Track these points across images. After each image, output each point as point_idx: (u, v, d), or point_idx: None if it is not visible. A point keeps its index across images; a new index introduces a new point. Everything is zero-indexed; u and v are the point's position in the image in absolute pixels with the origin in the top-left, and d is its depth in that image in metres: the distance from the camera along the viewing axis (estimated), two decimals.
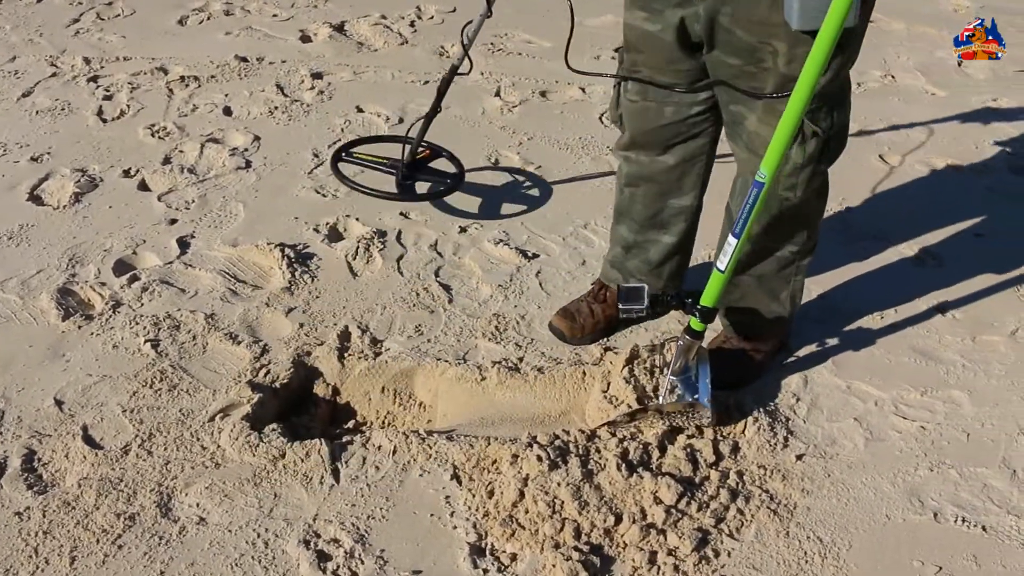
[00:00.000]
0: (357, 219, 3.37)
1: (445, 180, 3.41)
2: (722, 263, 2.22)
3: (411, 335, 2.83)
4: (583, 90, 4.38)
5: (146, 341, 2.77)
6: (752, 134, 2.33)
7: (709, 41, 2.25)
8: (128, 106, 4.19)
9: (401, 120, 4.11)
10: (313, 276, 3.09)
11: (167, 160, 3.76)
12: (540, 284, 3.08)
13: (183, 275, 3.09)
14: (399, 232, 3.30)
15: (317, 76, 4.49)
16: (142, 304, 2.94)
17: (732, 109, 2.36)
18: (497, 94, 4.34)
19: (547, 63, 4.67)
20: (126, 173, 3.66)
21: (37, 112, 4.12)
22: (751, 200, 2.11)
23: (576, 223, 3.40)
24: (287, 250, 3.16)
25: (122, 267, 3.13)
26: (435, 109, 3.27)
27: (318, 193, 3.54)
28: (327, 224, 3.35)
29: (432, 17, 5.26)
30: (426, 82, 4.46)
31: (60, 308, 2.90)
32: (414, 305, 2.97)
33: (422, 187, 3.50)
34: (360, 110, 4.19)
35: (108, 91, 4.33)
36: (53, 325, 2.84)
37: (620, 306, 2.41)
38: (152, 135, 3.94)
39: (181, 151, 3.83)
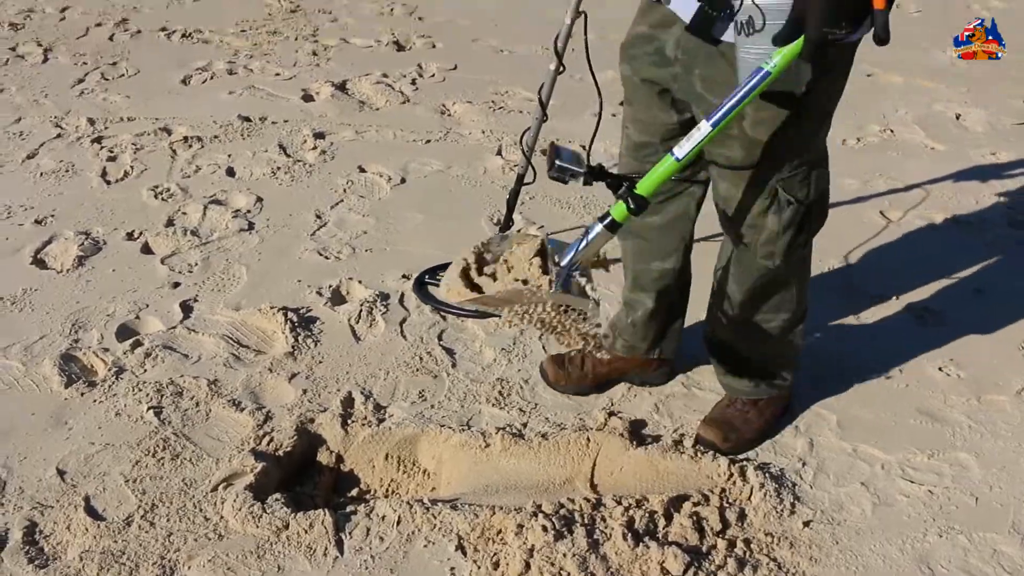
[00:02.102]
0: (360, 282, 3.38)
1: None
2: (681, 150, 2.03)
3: (415, 400, 2.83)
4: (583, 147, 4.39)
5: (149, 408, 2.76)
6: (725, 199, 2.34)
7: (688, 104, 2.28)
8: (132, 167, 4.21)
9: (403, 180, 4.12)
10: (316, 340, 3.08)
11: (170, 222, 3.77)
12: (543, 347, 3.07)
13: (186, 340, 3.08)
14: (401, 295, 3.30)
15: (319, 136, 4.52)
16: (145, 370, 2.94)
17: (710, 171, 2.38)
18: (499, 153, 4.36)
19: (551, 122, 4.68)
20: (129, 236, 3.67)
21: (42, 174, 4.15)
22: (747, 86, 1.94)
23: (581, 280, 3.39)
24: (290, 314, 3.16)
25: (125, 332, 3.13)
26: (507, 223, 3.22)
27: (321, 255, 3.55)
28: (330, 287, 3.35)
29: (433, 75, 5.31)
30: (428, 141, 4.49)
31: (63, 375, 2.89)
32: (417, 370, 2.97)
33: None
34: (362, 170, 4.22)
35: (112, 152, 4.35)
36: (56, 392, 2.83)
37: (557, 162, 2.10)
38: (155, 197, 3.96)
39: (184, 213, 3.84)
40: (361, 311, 3.21)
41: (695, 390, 2.88)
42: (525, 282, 2.11)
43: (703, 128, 2.00)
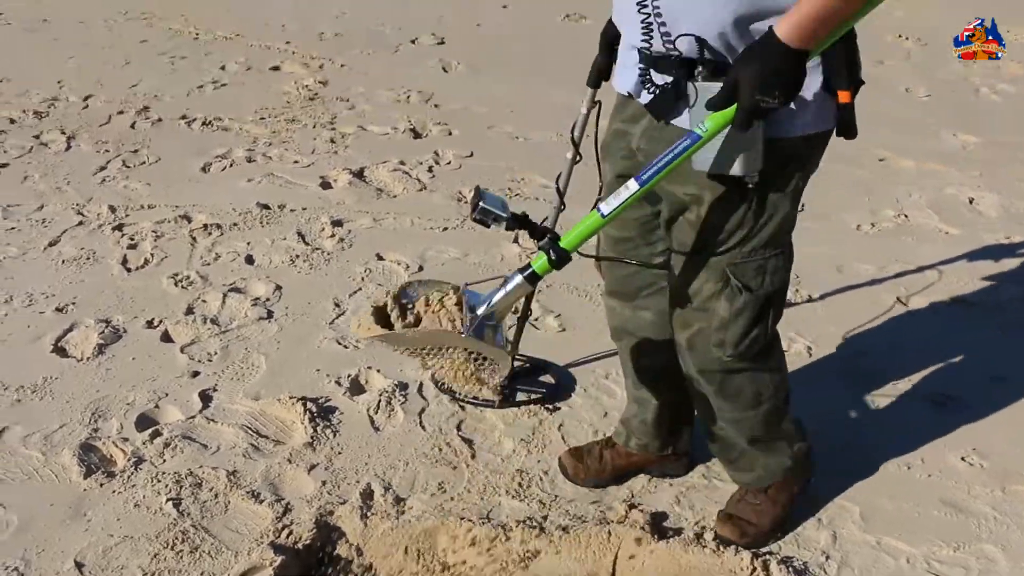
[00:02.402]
0: (378, 371, 3.39)
1: (541, 390, 3.31)
2: (608, 206, 2.04)
3: (434, 492, 2.82)
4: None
5: (168, 500, 2.76)
6: (679, 284, 2.33)
7: (654, 195, 2.28)
8: (152, 255, 4.25)
9: (421, 267, 4.15)
10: (335, 431, 3.09)
11: (190, 310, 3.80)
12: (563, 437, 3.07)
13: (205, 430, 3.09)
14: (420, 385, 3.31)
15: (337, 223, 4.56)
16: (164, 460, 2.94)
17: (670, 258, 2.38)
18: (516, 240, 4.39)
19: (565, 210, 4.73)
20: (149, 324, 3.70)
21: (63, 261, 4.19)
22: (677, 149, 1.96)
23: (597, 373, 3.41)
24: (309, 404, 3.17)
25: (144, 421, 3.14)
26: (524, 316, 3.23)
27: (339, 344, 3.56)
28: (349, 376, 3.36)
29: (449, 162, 5.37)
30: (445, 228, 4.53)
31: (82, 464, 2.90)
32: (436, 461, 2.96)
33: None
34: (380, 258, 4.25)
35: (132, 240, 4.40)
36: (75, 482, 2.83)
37: (481, 204, 2.12)
38: (175, 284, 3.99)
39: (204, 301, 3.87)
40: (380, 401, 3.22)
41: (716, 481, 2.87)
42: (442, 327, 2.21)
43: (631, 186, 2.02)
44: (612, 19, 2.46)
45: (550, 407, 3.22)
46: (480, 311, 2.19)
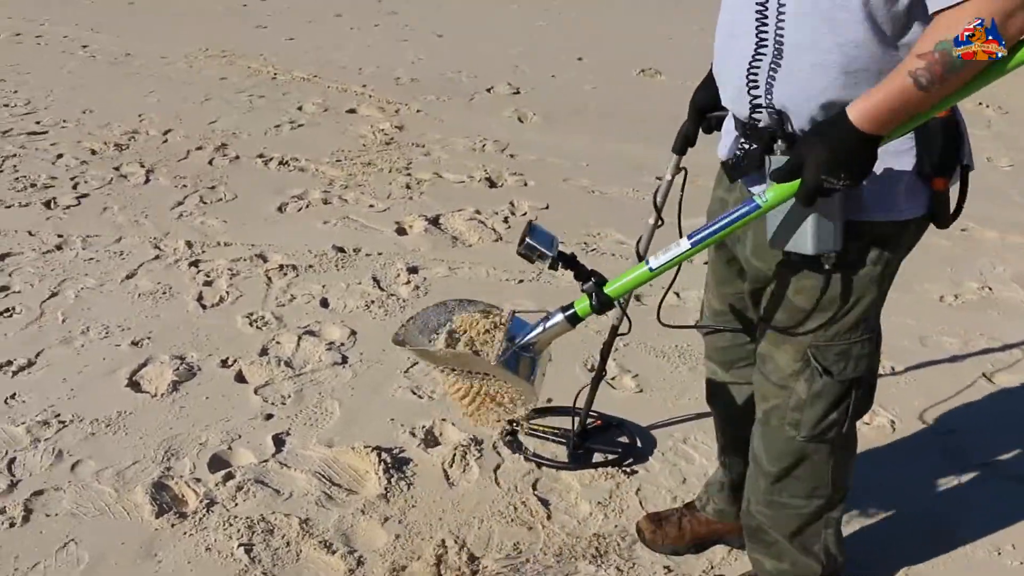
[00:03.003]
0: (453, 424, 3.34)
1: (616, 450, 3.22)
2: (656, 261, 1.98)
3: (509, 553, 2.75)
4: (678, 295, 4.37)
5: (239, 545, 2.72)
6: (763, 356, 2.25)
7: (744, 269, 2.25)
8: (227, 293, 4.25)
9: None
10: (409, 483, 3.03)
11: (264, 351, 3.78)
12: (640, 502, 2.99)
13: (278, 475, 3.05)
14: (495, 441, 3.25)
15: (413, 270, 4.54)
16: (236, 504, 2.90)
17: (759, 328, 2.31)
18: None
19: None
20: (224, 363, 3.68)
21: (140, 295, 4.20)
22: (734, 215, 1.91)
23: (675, 437, 3.33)
24: (383, 454, 3.13)
25: (217, 463, 3.11)
26: (600, 374, 3.18)
27: (414, 394, 3.52)
28: (423, 428, 3.31)
29: (525, 213, 5.34)
30: (520, 281, 4.49)
31: (154, 503, 2.87)
32: (512, 520, 2.89)
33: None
34: None
35: (208, 276, 4.41)
36: (147, 522, 2.81)
37: (528, 240, 2.09)
38: (250, 324, 3.98)
39: (278, 342, 3.85)
40: (455, 455, 3.17)
41: None
42: (476, 352, 2.13)
43: (682, 244, 1.97)
44: (703, 85, 2.41)
45: (627, 470, 3.14)
46: (517, 340, 2.15)
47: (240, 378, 3.62)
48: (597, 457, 3.18)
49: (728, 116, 2.19)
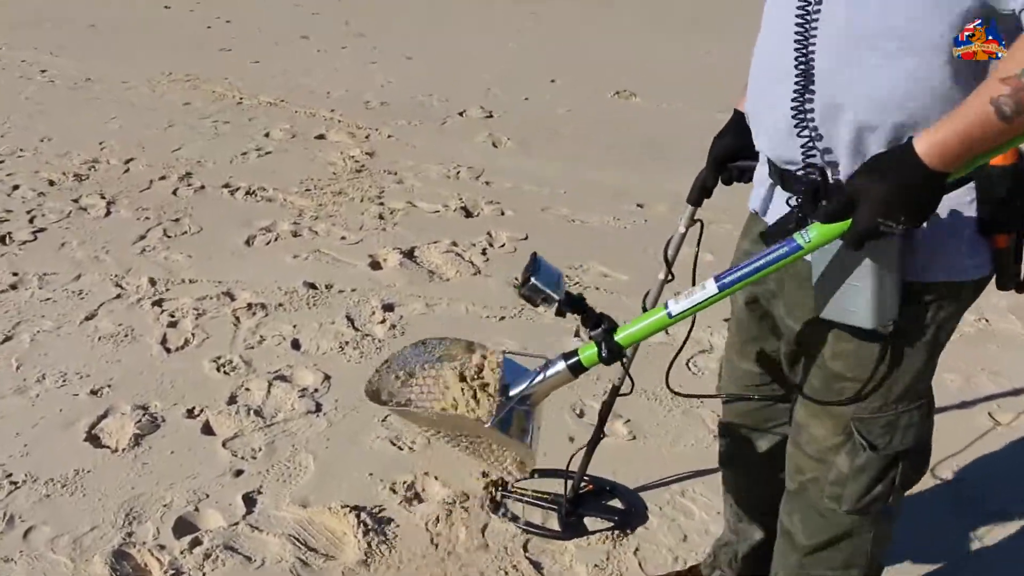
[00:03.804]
0: (436, 478, 3.13)
1: (612, 517, 2.99)
2: (677, 306, 1.75)
3: None
4: (667, 332, 4.18)
5: None
6: (799, 425, 2.04)
7: (777, 326, 2.05)
8: (193, 335, 4.03)
9: None
10: (391, 546, 2.82)
11: (232, 399, 3.56)
12: (640, 564, 2.79)
13: (249, 540, 2.83)
14: (482, 499, 3.04)
15: (388, 308, 4.33)
16: (204, 574, 2.68)
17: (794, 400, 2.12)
18: (576, 334, 4.14)
19: (625, 299, 4.50)
20: (190, 413, 3.46)
21: (100, 338, 3.97)
22: (771, 256, 1.69)
23: (673, 490, 3.13)
24: (362, 515, 2.91)
25: (183, 526, 2.88)
26: (597, 437, 2.94)
27: (394, 445, 3.31)
28: (404, 484, 3.10)
29: (504, 245, 5.15)
30: (501, 318, 4.28)
31: (115, 574, 2.64)
32: None
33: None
34: None
35: (173, 316, 4.18)
36: None
37: (532, 280, 1.82)
38: (217, 369, 3.76)
39: (247, 389, 3.63)
40: (440, 514, 2.95)
41: None
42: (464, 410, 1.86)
43: (708, 287, 1.74)
44: (725, 132, 2.23)
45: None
46: (513, 393, 1.88)
47: (207, 429, 3.39)
48: (592, 523, 2.95)
49: (761, 165, 2.00)
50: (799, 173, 1.80)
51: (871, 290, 1.71)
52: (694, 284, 2.33)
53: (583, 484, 3.01)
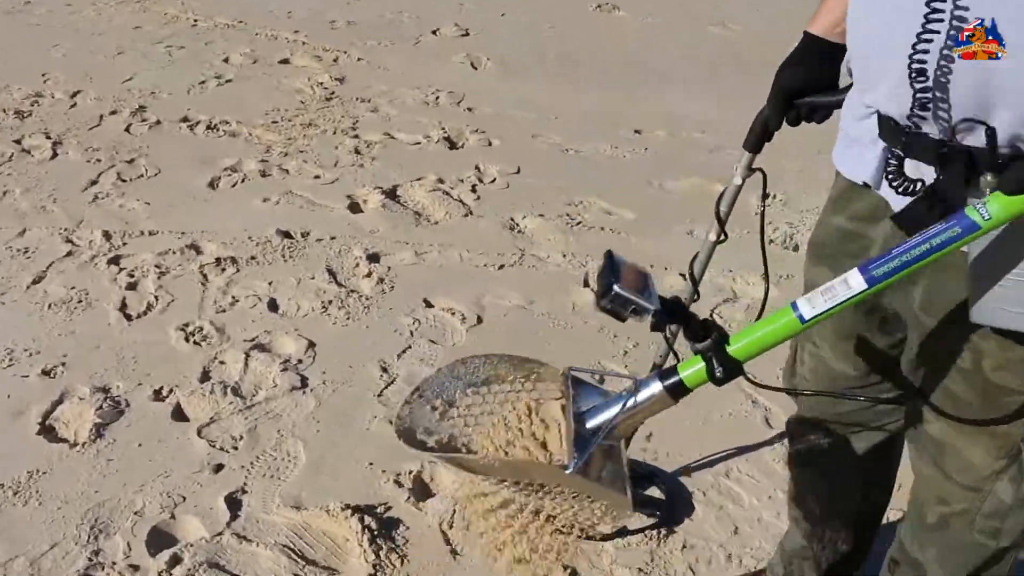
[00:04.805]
0: (446, 466, 2.72)
1: (655, 511, 2.58)
2: (812, 308, 1.36)
3: None
4: (683, 277, 3.77)
5: None
6: (939, 445, 1.64)
7: (899, 321, 1.64)
8: (156, 297, 3.57)
9: (479, 319, 3.48)
10: (402, 554, 2.44)
11: (206, 375, 3.13)
12: (690, 567, 2.42)
13: (236, 553, 2.43)
14: None
15: (373, 258, 3.89)
16: None
17: (912, 410, 1.72)
18: (586, 283, 3.72)
19: (634, 240, 4.09)
20: (157, 395, 3.03)
21: (50, 305, 3.51)
22: (935, 239, 1.29)
23: (716, 471, 2.76)
24: (366, 518, 2.52)
25: (159, 539, 2.48)
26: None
27: (393, 425, 2.89)
28: (410, 474, 2.71)
29: (494, 180, 4.69)
30: (500, 266, 3.85)
31: None
32: None
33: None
34: (429, 304, 3.58)
35: (132, 276, 3.72)
36: None
37: (616, 288, 1.36)
38: (186, 339, 3.32)
39: (222, 362, 3.20)
40: (455, 511, 2.56)
41: None
42: (534, 448, 1.46)
43: (852, 283, 1.33)
44: (795, 60, 1.79)
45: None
46: (591, 424, 1.45)
47: (179, 414, 2.97)
48: (633, 522, 2.57)
49: (860, 116, 1.56)
50: (937, 137, 1.37)
51: None
52: (763, 249, 1.93)
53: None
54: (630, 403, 1.42)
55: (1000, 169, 1.29)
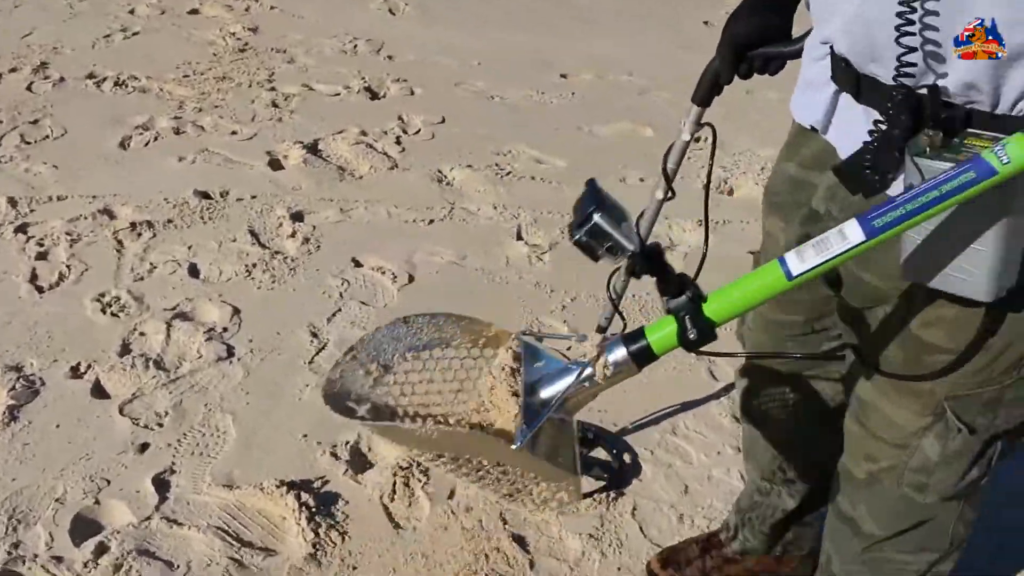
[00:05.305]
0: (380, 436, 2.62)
1: (602, 474, 2.50)
2: (801, 262, 1.23)
3: None
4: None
5: None
6: (863, 403, 1.58)
7: (835, 277, 1.56)
8: (68, 267, 3.39)
9: (411, 278, 3.37)
10: (342, 531, 2.34)
11: (126, 348, 2.97)
12: (641, 528, 2.37)
13: (167, 538, 2.31)
14: None
15: (297, 217, 3.73)
16: None
17: (851, 362, 1.65)
18: (519, 236, 3.62)
19: (566, 189, 3.98)
20: (75, 371, 2.87)
21: None
22: (951, 182, 1.14)
23: (662, 428, 2.70)
24: (303, 494, 2.41)
25: (83, 527, 2.35)
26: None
27: None
28: (347, 444, 2.60)
29: (419, 131, 4.54)
30: (430, 221, 3.73)
31: None
32: (485, 574, 2.23)
33: None
34: (358, 264, 3.45)
35: (42, 245, 3.52)
36: None
37: (596, 218, 1.26)
38: (103, 310, 3.16)
39: (142, 333, 3.05)
40: (395, 482, 2.47)
41: None
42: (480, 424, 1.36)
43: (848, 234, 1.20)
44: (746, 10, 1.69)
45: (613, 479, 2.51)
46: (544, 395, 1.35)
47: (99, 391, 2.82)
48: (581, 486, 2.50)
49: (816, 58, 1.47)
50: (889, 82, 1.29)
51: (995, 255, 1.22)
52: (706, 206, 1.85)
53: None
54: (587, 372, 1.32)
55: (945, 124, 1.20)
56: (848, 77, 1.37)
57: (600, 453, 2.58)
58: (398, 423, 1.41)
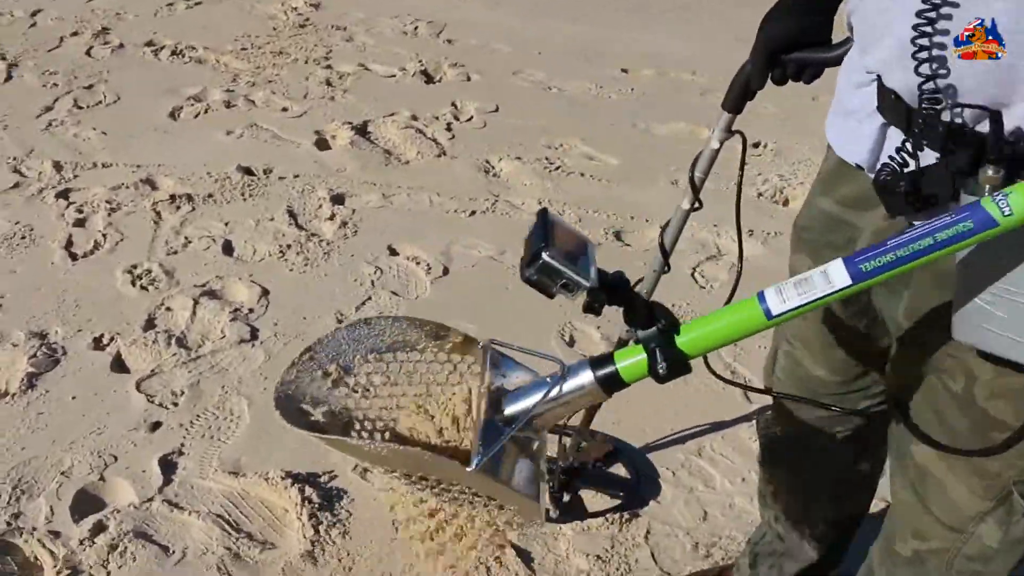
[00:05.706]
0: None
1: (618, 491, 2.41)
2: (782, 301, 1.13)
3: None
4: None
5: None
6: (922, 472, 1.42)
7: (883, 329, 1.43)
8: (104, 236, 3.37)
9: (446, 271, 3.29)
10: (344, 530, 2.27)
11: (151, 322, 2.94)
12: (653, 554, 2.26)
13: (166, 522, 2.27)
14: None
15: (338, 200, 3.68)
16: (108, 573, 2.11)
17: (896, 427, 1.49)
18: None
19: (616, 188, 3.87)
20: (97, 343, 2.85)
21: None
22: (939, 233, 1.05)
23: (689, 448, 2.59)
24: (307, 488, 2.34)
25: (85, 504, 2.31)
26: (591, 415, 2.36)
27: None
28: None
29: (471, 118, 4.46)
30: (472, 212, 3.65)
31: None
32: None
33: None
34: (394, 252, 3.38)
35: (81, 211, 3.51)
36: None
37: (545, 256, 1.13)
38: (132, 282, 3.13)
39: (169, 309, 3.01)
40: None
41: None
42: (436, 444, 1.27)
43: (833, 276, 1.10)
44: (781, 11, 1.56)
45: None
46: (509, 411, 1.26)
47: (119, 365, 2.79)
48: (595, 503, 2.40)
49: (857, 86, 1.34)
50: (945, 117, 1.16)
51: None
52: (738, 218, 1.75)
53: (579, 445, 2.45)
54: (554, 392, 1.23)
55: (1006, 162, 1.08)
56: (898, 111, 1.24)
57: (619, 470, 2.48)
58: (347, 439, 1.31)
